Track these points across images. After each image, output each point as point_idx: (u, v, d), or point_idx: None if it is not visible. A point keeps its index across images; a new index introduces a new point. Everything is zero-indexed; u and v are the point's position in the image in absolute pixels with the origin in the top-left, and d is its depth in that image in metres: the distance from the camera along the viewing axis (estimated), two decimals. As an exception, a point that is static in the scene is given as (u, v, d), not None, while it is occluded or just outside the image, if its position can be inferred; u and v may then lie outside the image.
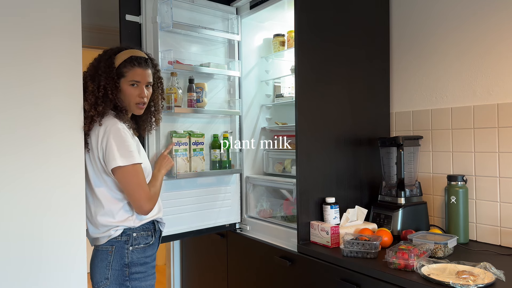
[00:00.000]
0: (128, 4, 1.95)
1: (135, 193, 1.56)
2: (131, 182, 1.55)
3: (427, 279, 1.35)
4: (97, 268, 1.62)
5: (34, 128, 1.66)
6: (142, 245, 1.62)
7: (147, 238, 1.64)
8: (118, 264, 1.58)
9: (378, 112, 2.15)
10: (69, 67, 1.74)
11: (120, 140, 1.55)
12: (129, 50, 1.66)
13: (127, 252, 1.59)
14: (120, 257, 1.58)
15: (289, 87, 2.47)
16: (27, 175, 1.63)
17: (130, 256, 1.59)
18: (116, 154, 1.53)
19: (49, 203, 1.68)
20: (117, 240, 1.59)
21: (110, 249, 1.59)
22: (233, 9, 2.33)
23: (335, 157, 1.97)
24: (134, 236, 1.61)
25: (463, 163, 1.90)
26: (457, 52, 1.93)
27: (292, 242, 1.93)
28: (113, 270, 1.58)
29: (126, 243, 1.59)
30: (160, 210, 1.72)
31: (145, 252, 1.63)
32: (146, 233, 1.64)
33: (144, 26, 1.98)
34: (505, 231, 1.77)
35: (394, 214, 1.87)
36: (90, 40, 2.52)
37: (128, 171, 1.54)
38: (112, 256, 1.59)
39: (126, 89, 1.64)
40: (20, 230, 1.63)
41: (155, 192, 1.64)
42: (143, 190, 1.56)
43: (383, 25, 2.18)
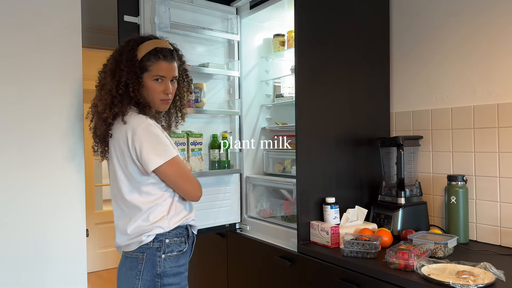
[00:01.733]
0: (126, 4, 1.95)
1: (184, 184, 1.48)
2: (177, 175, 1.46)
3: (427, 279, 1.34)
4: (125, 277, 1.46)
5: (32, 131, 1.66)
6: (175, 252, 1.47)
7: (180, 245, 1.49)
8: (149, 274, 1.42)
9: (378, 112, 2.15)
10: (69, 68, 1.74)
11: (152, 137, 1.43)
12: (153, 41, 1.52)
13: (159, 261, 1.43)
14: (151, 266, 1.43)
15: (289, 87, 2.47)
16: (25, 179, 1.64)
17: (163, 265, 1.43)
18: (152, 154, 1.41)
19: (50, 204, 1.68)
20: (149, 246, 1.44)
21: (141, 257, 1.44)
22: (233, 9, 2.33)
23: (335, 157, 1.97)
24: (167, 243, 1.45)
25: (463, 163, 1.90)
26: (457, 52, 1.93)
27: (292, 242, 1.93)
28: (143, 281, 1.42)
29: (158, 250, 1.44)
30: (191, 210, 1.58)
31: (179, 261, 1.48)
32: (179, 239, 1.49)
33: (143, 26, 1.98)
34: (505, 231, 1.77)
35: (394, 214, 1.87)
36: (90, 40, 2.52)
37: (169, 167, 1.44)
38: (143, 265, 1.43)
39: (150, 85, 1.49)
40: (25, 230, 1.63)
41: (197, 181, 1.55)
42: (189, 179, 1.50)
43: (383, 25, 2.18)
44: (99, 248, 4.66)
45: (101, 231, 4.67)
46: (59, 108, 1.71)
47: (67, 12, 1.74)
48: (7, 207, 1.60)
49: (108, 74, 1.49)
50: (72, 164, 1.73)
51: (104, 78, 1.51)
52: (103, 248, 4.69)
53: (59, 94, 1.71)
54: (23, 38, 1.64)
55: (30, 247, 1.64)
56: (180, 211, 1.51)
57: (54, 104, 1.71)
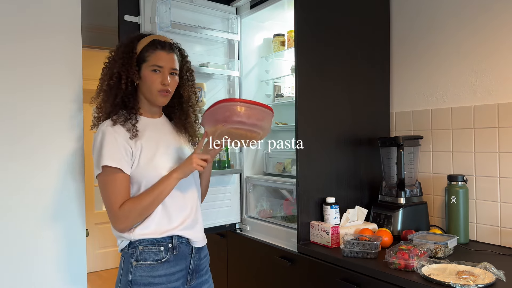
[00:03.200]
0: (126, 4, 1.95)
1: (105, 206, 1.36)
2: (101, 193, 1.35)
3: (427, 279, 1.34)
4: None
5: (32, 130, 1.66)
6: (149, 261, 1.35)
7: (157, 254, 1.36)
8: (124, 278, 1.36)
9: (378, 112, 2.15)
10: (69, 68, 1.74)
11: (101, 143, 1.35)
12: (152, 35, 1.47)
13: (131, 267, 1.35)
14: (126, 272, 1.36)
15: (289, 87, 2.47)
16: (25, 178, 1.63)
17: (133, 273, 1.34)
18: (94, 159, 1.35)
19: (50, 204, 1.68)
20: (125, 251, 1.38)
21: (121, 260, 1.40)
22: (233, 9, 2.33)
23: (335, 157, 1.96)
24: (139, 250, 1.35)
25: (463, 163, 1.90)
26: (458, 52, 1.93)
27: (292, 242, 1.93)
28: (121, 284, 1.37)
29: (131, 257, 1.36)
30: (181, 225, 1.40)
31: (153, 271, 1.35)
32: (156, 248, 1.36)
33: (143, 26, 1.98)
34: (505, 231, 1.77)
35: (394, 214, 1.87)
36: (90, 40, 2.51)
37: (99, 180, 1.35)
38: (121, 269, 1.39)
39: (147, 76, 1.40)
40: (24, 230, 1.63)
41: (135, 205, 1.32)
42: (107, 205, 1.34)
43: (383, 25, 2.18)
44: (99, 248, 4.66)
45: (101, 231, 4.67)
46: (59, 107, 1.71)
47: (67, 12, 1.74)
48: (6, 207, 1.60)
49: (105, 69, 1.46)
50: (72, 164, 1.73)
51: (102, 74, 1.46)
52: (103, 248, 4.69)
53: (59, 94, 1.71)
54: (23, 38, 1.64)
55: (30, 247, 1.64)
56: (152, 224, 1.36)
57: (54, 104, 1.70)
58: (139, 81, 1.43)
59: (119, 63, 1.40)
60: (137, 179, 1.37)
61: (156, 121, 1.50)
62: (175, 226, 1.39)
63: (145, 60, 1.42)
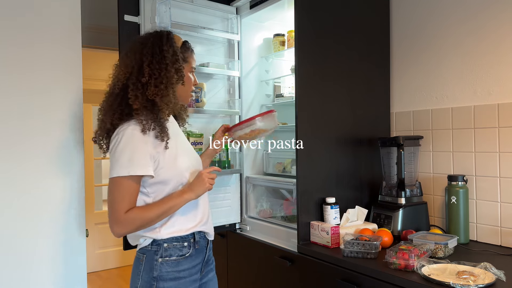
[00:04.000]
0: (126, 4, 1.95)
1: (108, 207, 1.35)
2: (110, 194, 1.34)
3: (427, 279, 1.34)
4: (132, 274, 1.45)
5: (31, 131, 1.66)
6: (174, 257, 1.39)
7: (181, 250, 1.41)
8: (147, 275, 1.38)
9: (378, 112, 2.15)
10: (69, 68, 1.74)
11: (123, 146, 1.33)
12: (173, 34, 1.45)
13: (156, 264, 1.38)
14: (149, 269, 1.38)
15: (289, 87, 2.47)
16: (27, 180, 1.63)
17: (159, 269, 1.38)
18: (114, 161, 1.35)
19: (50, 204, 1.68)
20: (148, 249, 1.40)
21: (142, 258, 1.41)
22: (233, 9, 2.33)
23: (335, 157, 1.96)
24: (164, 247, 1.39)
25: (464, 163, 1.90)
26: (458, 52, 1.93)
27: (292, 242, 1.92)
28: (142, 281, 1.39)
29: (156, 254, 1.39)
30: (201, 222, 1.47)
31: (178, 266, 1.40)
32: (180, 244, 1.41)
33: (143, 26, 1.98)
34: (505, 231, 1.76)
35: (394, 214, 1.87)
36: (90, 40, 2.51)
37: (112, 181, 1.34)
38: (143, 266, 1.40)
39: (188, 77, 1.45)
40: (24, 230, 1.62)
41: (140, 216, 1.32)
42: (112, 208, 1.33)
43: (383, 25, 2.18)
44: (98, 248, 4.66)
45: (101, 231, 4.67)
46: (59, 108, 1.71)
47: (67, 12, 1.74)
48: (7, 207, 1.60)
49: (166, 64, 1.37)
50: (72, 164, 1.73)
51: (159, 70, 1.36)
52: (103, 248, 4.69)
53: (59, 94, 1.71)
54: (23, 38, 1.64)
55: (30, 247, 1.64)
56: (176, 223, 1.41)
57: (54, 104, 1.70)
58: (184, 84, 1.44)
59: (180, 61, 1.40)
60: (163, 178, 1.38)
61: (172, 119, 1.52)
62: (197, 223, 1.45)
63: (186, 61, 1.45)
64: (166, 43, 1.39)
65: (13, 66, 1.62)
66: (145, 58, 1.36)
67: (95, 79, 4.37)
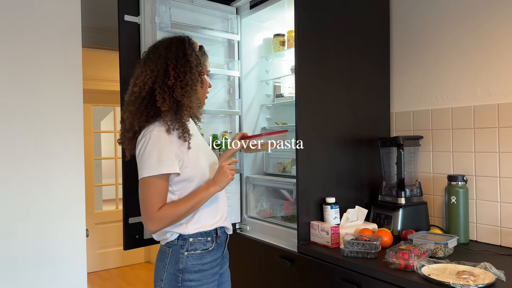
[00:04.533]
0: (126, 4, 1.95)
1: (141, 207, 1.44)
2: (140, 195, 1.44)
3: (427, 279, 1.34)
4: (156, 267, 1.54)
5: (31, 131, 1.66)
6: (199, 251, 1.50)
7: (205, 244, 1.52)
8: (172, 268, 1.48)
9: (378, 112, 2.15)
10: (69, 68, 1.74)
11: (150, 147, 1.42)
12: (189, 38, 1.54)
13: (182, 257, 1.48)
14: (175, 262, 1.48)
15: (289, 87, 2.47)
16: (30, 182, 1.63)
17: (185, 262, 1.48)
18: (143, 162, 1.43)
19: (50, 204, 1.68)
20: (174, 243, 1.49)
21: (168, 251, 1.50)
22: (233, 9, 2.33)
23: (335, 157, 1.96)
24: (190, 241, 1.49)
25: (463, 163, 1.90)
26: (458, 52, 1.93)
27: (292, 242, 1.92)
28: (167, 273, 1.48)
29: (182, 248, 1.48)
30: (222, 218, 1.58)
31: (202, 259, 1.51)
32: (204, 239, 1.52)
33: (143, 26, 1.98)
34: (505, 231, 1.77)
35: (394, 214, 1.87)
36: (90, 40, 2.51)
37: (143, 181, 1.43)
38: (169, 259, 1.49)
39: (205, 80, 1.55)
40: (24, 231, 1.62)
41: (171, 212, 1.42)
42: (146, 207, 1.42)
43: (383, 24, 2.18)
44: (98, 248, 4.66)
45: (101, 231, 4.67)
46: (59, 108, 1.71)
47: (67, 12, 1.74)
48: (7, 207, 1.60)
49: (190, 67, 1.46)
50: (72, 164, 1.73)
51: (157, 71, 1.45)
52: (103, 248, 4.69)
53: (59, 94, 1.71)
54: (23, 38, 1.64)
55: (30, 248, 1.64)
56: (200, 219, 1.51)
57: (54, 104, 1.70)
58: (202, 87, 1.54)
59: (201, 65, 1.50)
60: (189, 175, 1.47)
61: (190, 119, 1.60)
62: (219, 219, 1.56)
63: (203, 65, 1.54)
64: (189, 47, 1.49)
65: (13, 66, 1.62)
66: (169, 62, 1.45)
67: (95, 79, 4.38)
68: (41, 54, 1.67)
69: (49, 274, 1.68)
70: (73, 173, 1.73)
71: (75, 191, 1.74)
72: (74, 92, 1.73)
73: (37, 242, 1.66)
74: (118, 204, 4.90)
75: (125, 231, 1.92)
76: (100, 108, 5.58)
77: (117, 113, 4.79)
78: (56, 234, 1.70)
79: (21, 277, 1.62)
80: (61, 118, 1.71)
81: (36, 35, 1.67)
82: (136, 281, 4.36)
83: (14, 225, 1.61)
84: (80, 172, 1.75)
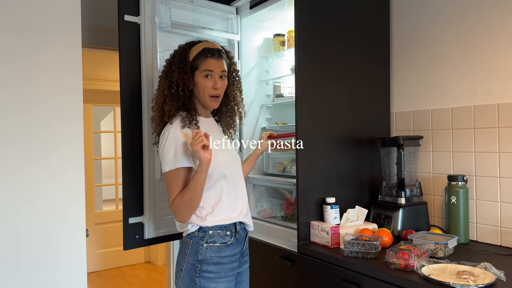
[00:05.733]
0: (126, 4, 1.95)
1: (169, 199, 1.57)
2: (167, 188, 1.57)
3: (427, 279, 1.34)
4: (178, 258, 1.62)
5: (31, 132, 1.66)
6: (218, 244, 1.57)
7: (224, 238, 1.59)
8: (192, 258, 1.56)
9: (378, 112, 2.15)
10: (69, 68, 1.74)
11: (168, 145, 1.55)
12: (202, 43, 1.64)
13: (201, 249, 1.56)
14: (195, 252, 1.56)
15: (289, 87, 2.47)
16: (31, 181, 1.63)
17: (204, 253, 1.56)
18: (162, 159, 1.56)
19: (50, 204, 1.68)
20: (195, 235, 1.58)
21: (188, 242, 1.58)
22: (233, 9, 2.32)
23: (335, 157, 1.96)
24: (210, 234, 1.57)
25: (463, 163, 1.90)
26: (458, 52, 1.93)
27: (292, 242, 1.92)
28: (187, 263, 1.56)
29: (202, 239, 1.57)
30: (241, 213, 1.65)
31: (221, 252, 1.58)
32: (223, 232, 1.59)
33: (143, 26, 1.98)
34: (505, 231, 1.77)
35: (394, 214, 1.87)
36: (90, 40, 2.51)
37: (165, 176, 1.56)
38: (189, 249, 1.57)
39: (200, 81, 1.61)
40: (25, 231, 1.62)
41: (180, 201, 1.53)
42: (168, 198, 1.56)
43: (383, 25, 2.18)
44: (98, 248, 4.66)
45: (101, 231, 4.67)
46: (58, 108, 1.71)
47: (67, 12, 1.74)
48: (7, 208, 1.60)
49: (163, 76, 1.64)
50: (72, 164, 1.73)
51: (159, 81, 1.66)
52: (103, 248, 4.69)
53: (59, 94, 1.71)
54: (23, 38, 1.64)
55: (30, 248, 1.64)
56: (219, 213, 1.59)
57: (54, 104, 1.70)
58: (194, 87, 1.62)
59: (176, 72, 1.59)
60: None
61: (210, 121, 1.72)
62: (238, 214, 1.63)
63: (197, 68, 1.61)
64: (177, 51, 1.65)
65: (13, 66, 1.62)
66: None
67: (95, 79, 4.38)
68: (40, 54, 1.67)
69: (49, 274, 1.68)
70: (73, 173, 1.73)
71: (75, 191, 1.74)
72: (74, 92, 1.73)
73: (37, 242, 1.66)
74: (118, 204, 4.90)
75: (125, 231, 1.92)
76: (100, 108, 5.58)
77: (117, 113, 4.79)
78: (56, 234, 1.70)
79: (21, 277, 1.62)
80: (61, 118, 1.71)
81: (36, 35, 1.67)
82: (136, 281, 4.36)
83: (14, 225, 1.61)
84: (80, 172, 1.75)
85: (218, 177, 1.58)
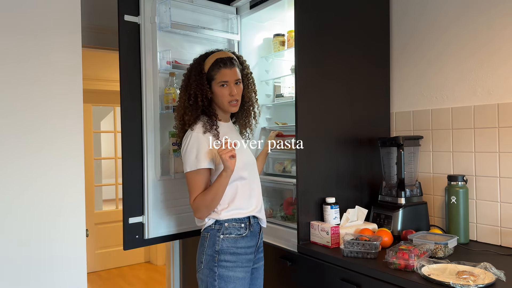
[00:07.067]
0: (126, 4, 1.95)
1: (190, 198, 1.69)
2: (188, 188, 1.68)
3: (427, 279, 1.34)
4: (197, 253, 1.72)
5: (31, 132, 1.66)
6: (233, 235, 1.68)
7: (239, 230, 1.70)
8: (210, 250, 1.67)
9: (378, 112, 2.15)
10: (69, 68, 1.74)
11: (190, 147, 1.66)
12: (215, 54, 1.75)
13: (218, 240, 1.67)
14: (212, 244, 1.67)
15: (289, 87, 2.47)
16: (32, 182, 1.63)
17: (221, 244, 1.66)
18: (184, 160, 1.67)
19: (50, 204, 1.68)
20: (212, 228, 1.69)
21: (206, 236, 1.69)
22: (233, 9, 2.32)
23: (335, 157, 1.96)
24: (225, 226, 1.68)
25: (463, 163, 1.90)
26: (458, 52, 1.93)
27: (292, 242, 1.92)
28: (206, 255, 1.67)
29: (218, 231, 1.67)
30: (256, 209, 1.75)
31: (236, 243, 1.68)
32: (238, 225, 1.70)
33: (143, 26, 1.98)
34: (505, 231, 1.77)
35: (394, 214, 1.87)
36: (90, 40, 2.51)
37: (186, 177, 1.68)
38: (207, 242, 1.68)
39: (218, 91, 1.72)
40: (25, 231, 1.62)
41: (201, 200, 1.64)
42: (189, 197, 1.68)
43: (383, 24, 2.18)
44: (98, 248, 4.66)
45: (101, 231, 4.67)
46: (58, 108, 1.71)
47: (67, 12, 1.74)
48: (7, 208, 1.60)
49: (182, 90, 1.76)
50: (72, 164, 1.73)
51: (179, 94, 1.78)
52: (103, 248, 4.69)
53: (58, 94, 1.71)
54: (23, 38, 1.64)
55: (30, 247, 1.64)
56: (234, 207, 1.69)
57: (54, 104, 1.70)
58: (213, 96, 1.74)
59: (193, 85, 1.71)
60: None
61: (229, 124, 1.83)
62: (252, 209, 1.73)
63: (213, 78, 1.72)
64: (193, 64, 1.77)
65: (12, 66, 1.62)
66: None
67: (95, 79, 4.37)
68: (40, 54, 1.67)
69: (49, 274, 1.68)
70: (73, 173, 1.74)
71: (75, 191, 1.74)
72: (74, 92, 1.73)
73: (37, 242, 1.66)
74: (118, 204, 4.90)
75: (125, 231, 1.92)
76: (100, 108, 5.58)
77: (117, 113, 4.79)
78: (56, 234, 1.70)
79: (21, 277, 1.62)
80: (61, 118, 1.71)
81: (36, 35, 1.67)
82: (136, 281, 4.36)
83: (14, 225, 1.61)
84: (80, 172, 1.75)
85: (236, 178, 1.69)
